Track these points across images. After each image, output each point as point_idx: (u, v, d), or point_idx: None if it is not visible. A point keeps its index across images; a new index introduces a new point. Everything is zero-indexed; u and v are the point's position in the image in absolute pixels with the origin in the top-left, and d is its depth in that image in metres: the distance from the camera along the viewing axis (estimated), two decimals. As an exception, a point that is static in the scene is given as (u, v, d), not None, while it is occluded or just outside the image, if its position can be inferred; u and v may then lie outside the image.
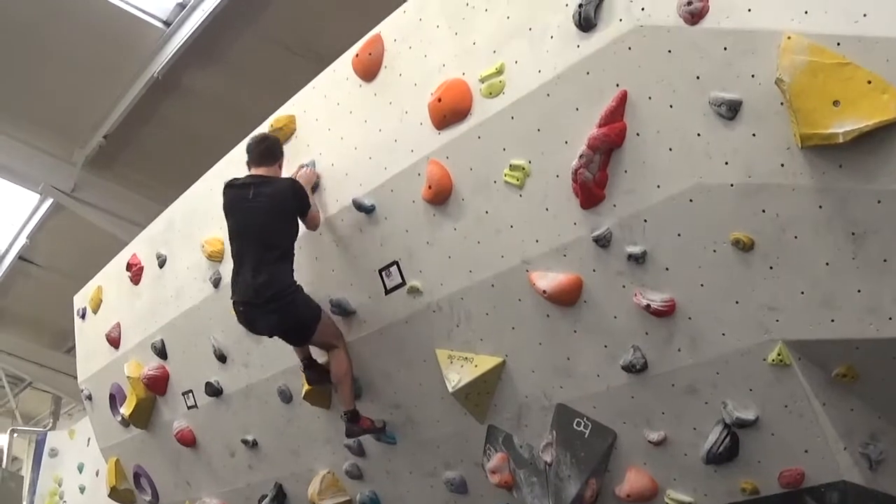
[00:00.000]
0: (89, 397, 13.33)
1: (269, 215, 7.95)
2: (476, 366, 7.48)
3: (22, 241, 20.54)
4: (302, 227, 8.16)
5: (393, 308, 8.01)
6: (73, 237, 19.59)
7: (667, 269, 6.22)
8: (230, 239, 8.26)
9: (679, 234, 6.07)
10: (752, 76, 5.53)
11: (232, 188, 8.28)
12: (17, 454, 30.07)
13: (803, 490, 6.28)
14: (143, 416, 11.76)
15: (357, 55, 8.01)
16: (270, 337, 8.46)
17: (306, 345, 8.46)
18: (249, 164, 8.32)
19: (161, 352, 11.05)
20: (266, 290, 7.84)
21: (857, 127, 5.11)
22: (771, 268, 5.79)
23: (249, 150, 8.36)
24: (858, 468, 6.13)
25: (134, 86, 14.40)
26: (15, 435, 28.81)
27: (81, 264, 17.12)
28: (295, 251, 8.09)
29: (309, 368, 8.60)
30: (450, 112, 7.13)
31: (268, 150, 8.32)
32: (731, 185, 5.73)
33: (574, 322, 6.83)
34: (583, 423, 7.14)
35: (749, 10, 5.53)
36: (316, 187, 8.37)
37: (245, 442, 10.35)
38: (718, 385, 6.33)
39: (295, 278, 8.05)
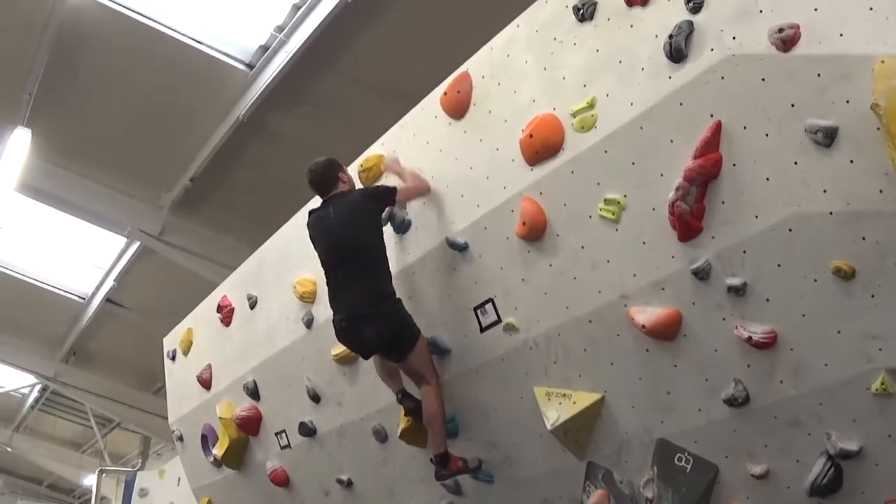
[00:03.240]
0: (180, 438, 13.44)
1: (351, 225, 8.06)
2: (574, 402, 7.40)
3: (109, 283, 20.84)
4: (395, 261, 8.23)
5: (489, 346, 7.97)
6: (161, 279, 19.87)
7: (767, 300, 6.12)
8: (323, 264, 8.36)
9: (779, 265, 5.98)
10: (847, 102, 5.45)
11: (312, 215, 8.48)
12: (105, 494, 30.37)
13: (908, 519, 6.17)
14: (236, 457, 11.81)
15: (445, 93, 8.04)
16: (372, 352, 8.43)
17: (402, 365, 8.37)
18: (323, 196, 8.46)
19: (253, 392, 11.10)
20: (373, 298, 7.93)
21: (955, 150, 5.04)
22: (872, 296, 5.67)
23: (314, 186, 8.51)
24: (963, 496, 5.99)
25: (219, 128, 14.62)
26: (104, 475, 29.11)
27: (168, 306, 17.30)
28: (388, 259, 8.14)
29: (405, 398, 8.56)
30: (542, 147, 7.11)
31: (327, 175, 8.44)
32: (830, 214, 5.64)
33: (674, 356, 6.75)
34: (684, 458, 7.03)
35: (841, 35, 5.46)
36: (408, 225, 8.49)
37: (340, 482, 10.32)
38: (821, 416, 6.20)
39: (394, 289, 8.14)
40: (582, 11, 6.87)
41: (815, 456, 6.31)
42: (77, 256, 21.42)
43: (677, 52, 6.17)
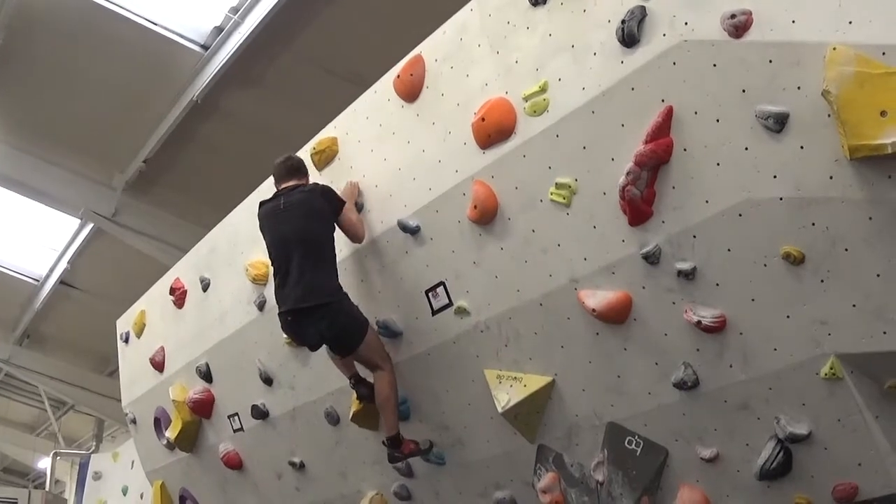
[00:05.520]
0: (134, 421, 13.38)
1: (301, 219, 8.02)
2: (525, 385, 7.43)
3: (63, 265, 20.70)
4: (347, 242, 8.27)
5: (440, 329, 7.98)
6: (114, 261, 19.75)
7: (717, 284, 6.17)
8: (270, 254, 8.31)
9: (729, 250, 6.02)
10: (799, 88, 5.49)
11: (263, 206, 8.41)
12: (59, 477, 30.26)
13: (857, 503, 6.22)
14: (189, 440, 11.78)
15: (398, 76, 8.01)
16: (317, 347, 8.40)
17: (352, 356, 8.36)
18: (277, 183, 8.48)
19: (206, 375, 11.06)
20: (314, 294, 7.87)
21: (906, 137, 5.06)
22: (822, 281, 5.73)
23: (275, 170, 8.51)
24: (912, 480, 6.05)
25: (173, 110, 14.54)
26: (58, 458, 28.98)
27: (122, 288, 17.27)
28: (336, 255, 8.11)
29: (358, 384, 8.54)
30: (494, 131, 7.11)
31: (293, 167, 8.46)
32: (780, 199, 5.68)
33: (624, 340, 6.79)
34: (634, 442, 7.09)
35: (793, 22, 5.49)
36: (360, 207, 8.37)
37: (292, 464, 10.34)
38: (771, 400, 6.26)
39: (341, 284, 8.08)
40: (535, -5, 6.87)
41: (765, 440, 6.39)
42: (30, 238, 21.24)
43: (630, 37, 6.18)
